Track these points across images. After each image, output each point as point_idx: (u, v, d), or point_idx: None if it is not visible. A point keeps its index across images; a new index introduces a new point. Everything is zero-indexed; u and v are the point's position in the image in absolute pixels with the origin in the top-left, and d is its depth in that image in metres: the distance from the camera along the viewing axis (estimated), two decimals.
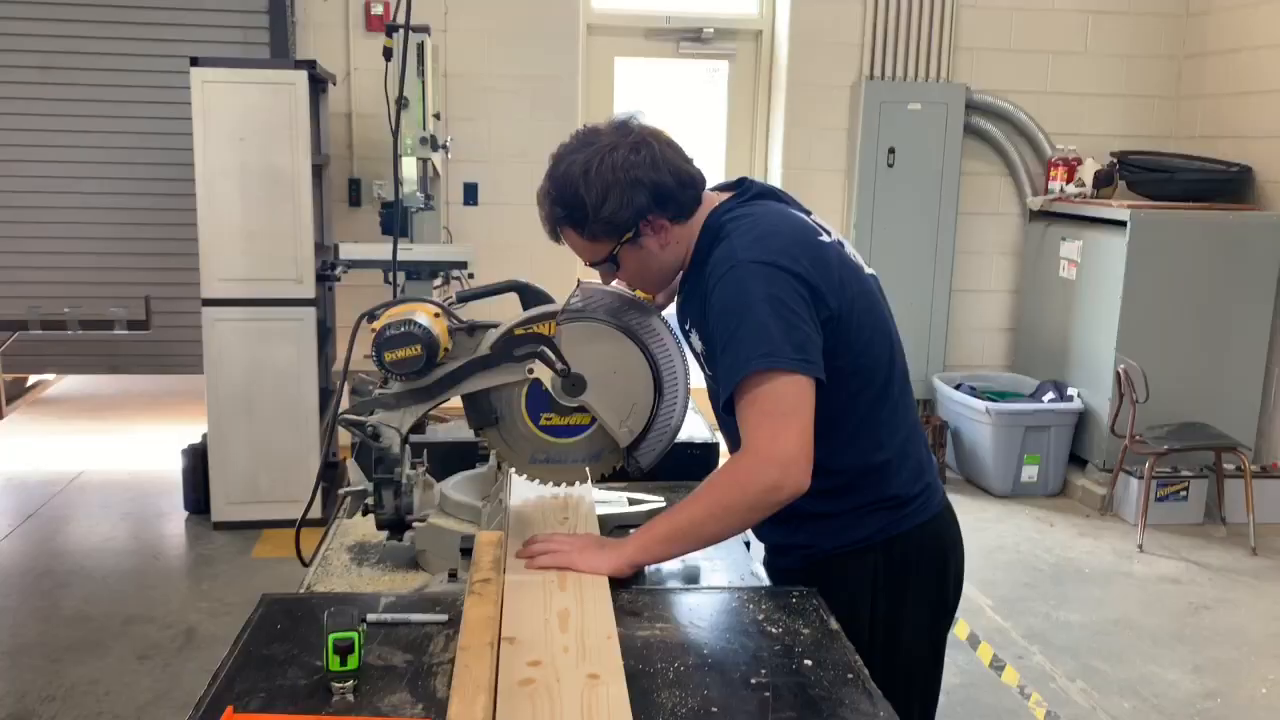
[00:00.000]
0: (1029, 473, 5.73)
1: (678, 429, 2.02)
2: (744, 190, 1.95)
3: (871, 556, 1.92)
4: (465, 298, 2.19)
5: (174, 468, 5.19)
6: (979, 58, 6.17)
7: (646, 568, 1.91)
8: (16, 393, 6.85)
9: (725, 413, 1.84)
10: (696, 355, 1.96)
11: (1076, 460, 5.85)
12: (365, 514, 2.04)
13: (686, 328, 1.96)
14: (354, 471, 2.12)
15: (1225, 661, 3.97)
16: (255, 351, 4.78)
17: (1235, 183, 5.79)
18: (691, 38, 6.21)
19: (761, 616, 1.69)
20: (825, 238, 1.89)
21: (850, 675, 1.51)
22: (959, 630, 4.10)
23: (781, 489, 1.72)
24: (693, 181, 1.89)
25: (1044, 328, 6.18)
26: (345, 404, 2.05)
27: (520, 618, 1.59)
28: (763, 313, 1.73)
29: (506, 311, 2.01)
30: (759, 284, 1.74)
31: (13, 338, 5.51)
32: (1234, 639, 4.15)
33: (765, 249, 1.78)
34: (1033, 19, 6.17)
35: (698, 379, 2.00)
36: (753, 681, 1.48)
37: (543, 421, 2.01)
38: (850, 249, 1.96)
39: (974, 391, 5.93)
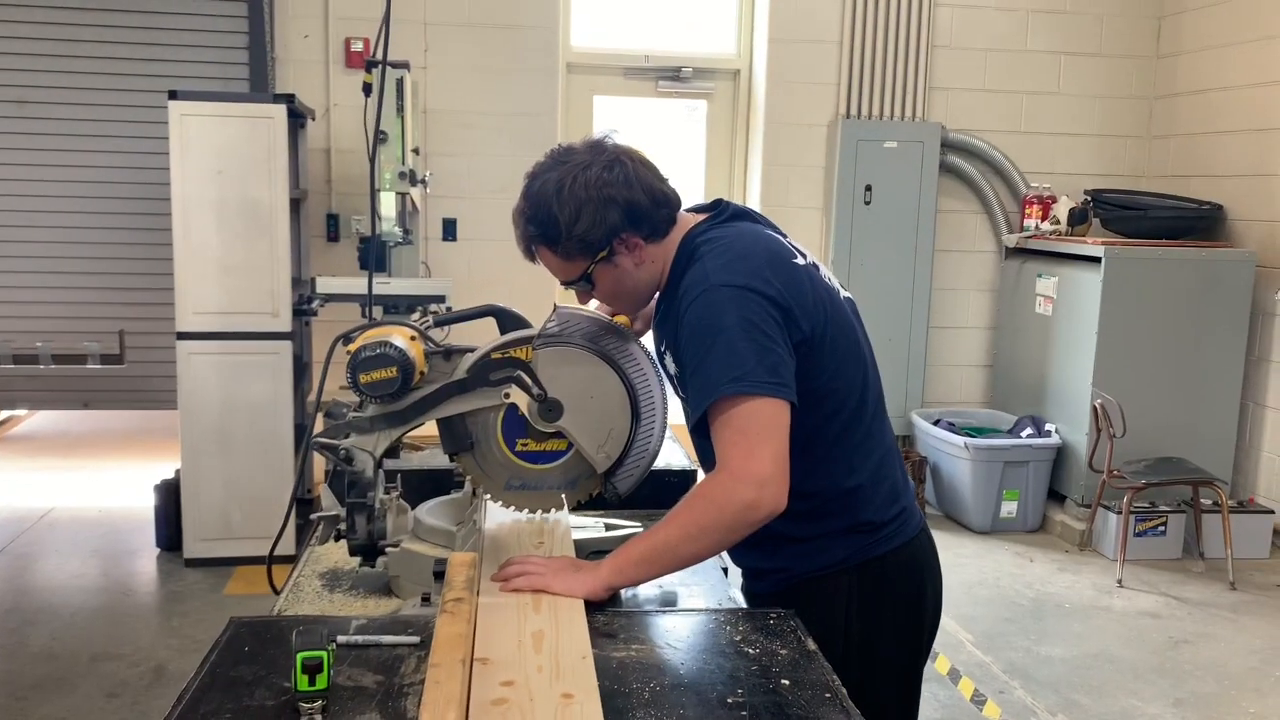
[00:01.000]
0: (1008, 508, 5.73)
1: (655, 454, 1.99)
2: (720, 211, 1.95)
3: (846, 579, 1.91)
4: (442, 322, 2.17)
5: (146, 505, 5.12)
6: (954, 97, 6.25)
7: (622, 591, 1.88)
8: None
9: (697, 435, 1.83)
10: (671, 378, 1.95)
11: (1055, 496, 5.85)
12: (338, 539, 2.01)
13: (662, 349, 1.95)
14: (327, 497, 2.09)
15: (1206, 695, 3.96)
16: (230, 386, 4.74)
17: (1207, 220, 5.87)
18: (670, 77, 6.27)
19: (739, 638, 1.67)
20: (800, 260, 1.89)
21: (828, 695, 1.49)
22: (940, 665, 4.07)
23: (758, 508, 1.70)
24: (667, 200, 1.88)
25: (1021, 364, 6.21)
26: (320, 429, 2.02)
27: (493, 639, 1.56)
28: (735, 336, 1.72)
29: (484, 337, 2.00)
30: (731, 307, 1.74)
31: None
32: (1214, 673, 4.14)
33: (737, 272, 1.77)
34: (1006, 60, 6.27)
35: (676, 408, 1.99)
36: (729, 701, 1.46)
37: (518, 447, 1.99)
38: (825, 271, 1.96)
39: (952, 427, 5.94)
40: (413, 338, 1.95)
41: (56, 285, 5.67)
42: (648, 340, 2.05)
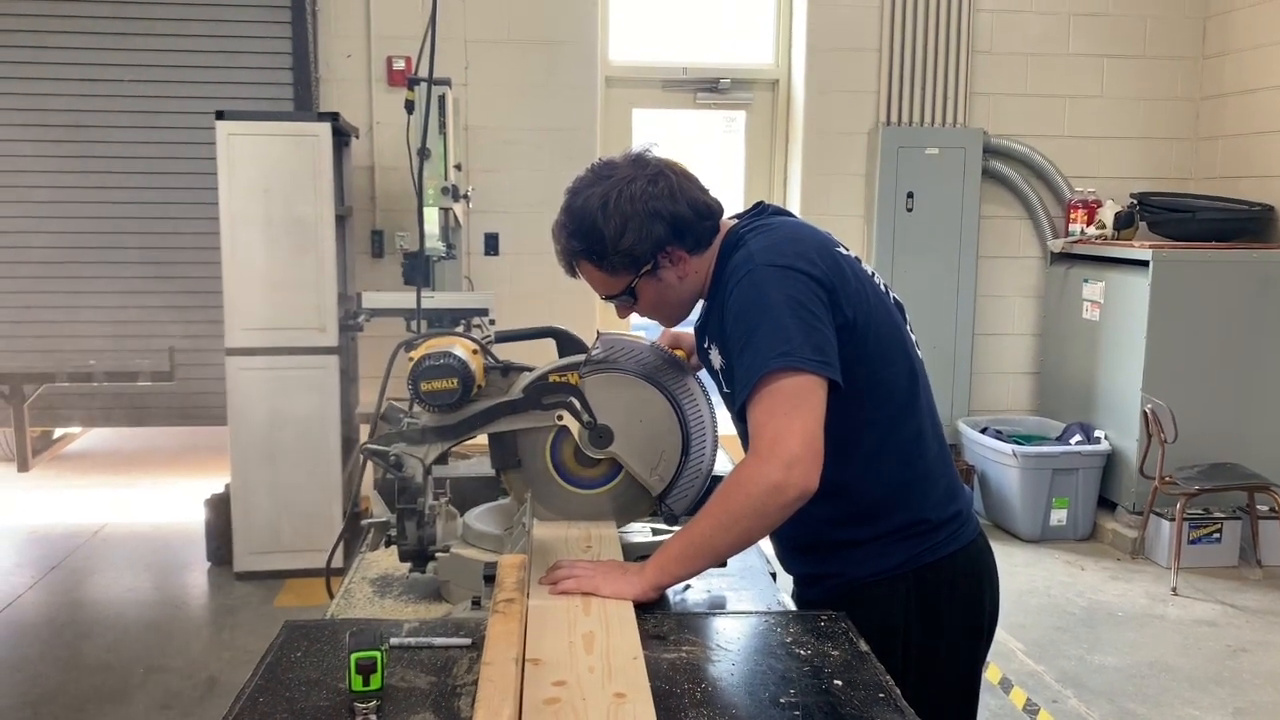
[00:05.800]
0: (1058, 516, 5.65)
1: (709, 474, 2.00)
2: (761, 210, 1.98)
3: (903, 585, 1.88)
4: (504, 338, 2.20)
5: (197, 520, 5.18)
6: (996, 102, 6.20)
7: (671, 595, 1.88)
8: (43, 446, 6.88)
9: (741, 420, 1.82)
10: (714, 373, 1.95)
11: (1105, 503, 5.76)
12: (388, 545, 2.03)
13: (705, 345, 1.95)
14: (377, 503, 2.11)
15: (1266, 705, 3.87)
16: (278, 400, 4.80)
17: (1257, 222, 5.77)
18: (708, 88, 6.28)
19: (789, 639, 1.66)
20: (844, 250, 1.90)
21: (881, 695, 1.48)
22: (991, 674, 4.02)
23: (785, 490, 1.67)
24: (710, 212, 1.90)
25: (1068, 370, 6.13)
26: (378, 431, 2.05)
27: (545, 641, 1.56)
28: (781, 314, 1.72)
29: (538, 356, 2.02)
30: (777, 286, 1.74)
31: (40, 390, 5.55)
32: (1275, 682, 4.05)
33: (782, 253, 1.78)
34: (1048, 64, 6.21)
35: (724, 419, 1.98)
36: (782, 701, 1.45)
37: (566, 472, 2.04)
38: (868, 267, 1.96)
39: (1000, 435, 5.88)
40: (474, 351, 1.98)
41: (107, 305, 5.78)
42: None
